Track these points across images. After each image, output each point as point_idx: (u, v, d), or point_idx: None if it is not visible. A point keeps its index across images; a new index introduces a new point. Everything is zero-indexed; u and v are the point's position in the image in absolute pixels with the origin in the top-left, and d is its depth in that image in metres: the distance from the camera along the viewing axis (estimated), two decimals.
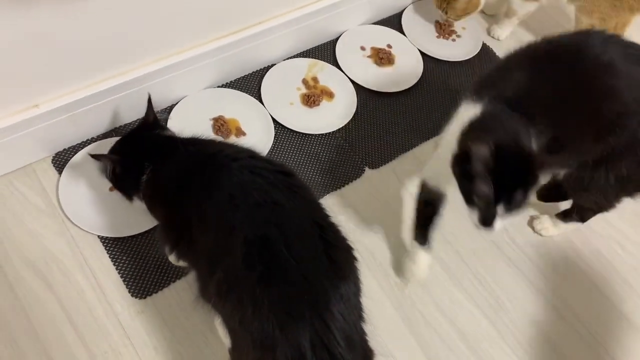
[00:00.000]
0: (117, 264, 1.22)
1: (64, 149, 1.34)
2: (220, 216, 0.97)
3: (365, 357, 0.97)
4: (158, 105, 1.39)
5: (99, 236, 1.24)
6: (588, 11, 1.64)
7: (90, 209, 1.27)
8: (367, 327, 0.97)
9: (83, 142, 1.36)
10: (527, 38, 1.78)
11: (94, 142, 1.35)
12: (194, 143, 1.12)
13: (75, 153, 1.33)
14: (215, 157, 1.04)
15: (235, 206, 0.95)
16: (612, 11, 1.59)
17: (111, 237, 1.24)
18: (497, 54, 1.80)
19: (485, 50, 1.80)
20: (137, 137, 1.19)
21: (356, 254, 1.00)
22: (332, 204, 1.40)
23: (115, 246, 1.24)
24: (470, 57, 1.76)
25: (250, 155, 1.07)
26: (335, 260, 0.94)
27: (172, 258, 1.17)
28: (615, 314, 1.36)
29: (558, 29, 1.46)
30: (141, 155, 1.12)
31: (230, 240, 0.93)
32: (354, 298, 0.96)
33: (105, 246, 1.24)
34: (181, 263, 1.16)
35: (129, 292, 1.19)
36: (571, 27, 1.80)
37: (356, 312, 0.96)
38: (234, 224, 0.94)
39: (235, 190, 0.97)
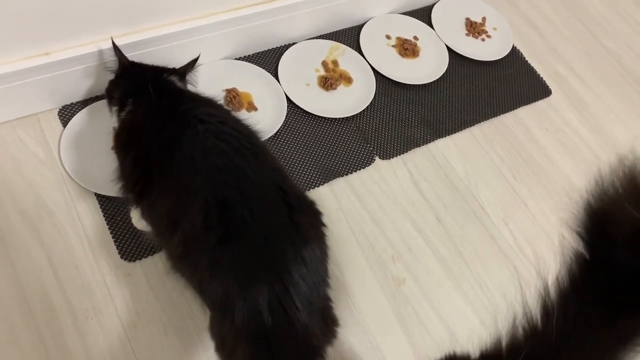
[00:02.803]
0: (110, 223, 1.19)
1: (72, 103, 1.32)
2: (180, 178, 0.94)
3: (326, 323, 0.94)
4: None
5: (95, 193, 1.22)
6: None
7: (90, 165, 1.24)
8: (333, 294, 0.96)
9: (92, 97, 1.33)
10: None
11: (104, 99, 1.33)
12: (171, 95, 1.10)
13: (83, 108, 1.31)
14: (184, 116, 1.01)
15: (196, 170, 0.93)
16: None
17: (108, 196, 1.21)
18: (526, 58, 1.74)
19: (514, 53, 1.74)
20: (144, 72, 1.17)
21: (325, 219, 0.99)
22: (338, 189, 1.36)
23: (111, 206, 1.21)
24: (499, 58, 1.70)
25: (220, 120, 1.03)
26: (298, 223, 0.92)
27: (135, 220, 1.15)
28: None
29: None
30: (132, 88, 1.10)
31: (189, 202, 0.91)
32: (318, 262, 0.93)
33: (101, 204, 1.21)
34: (144, 227, 1.13)
35: (119, 253, 1.16)
36: None
37: (319, 277, 0.93)
38: (194, 187, 0.92)
39: (196, 154, 0.95)
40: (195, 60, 1.20)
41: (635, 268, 0.58)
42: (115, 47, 1.17)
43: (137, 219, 1.17)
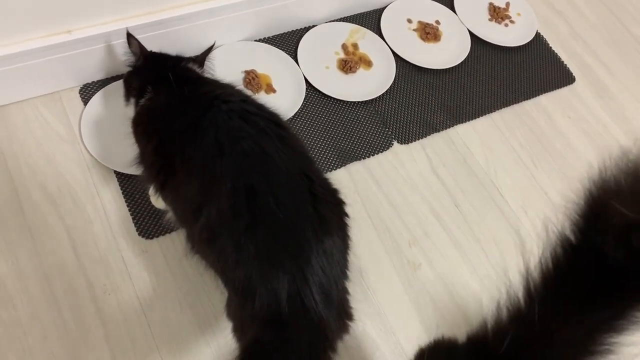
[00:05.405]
0: (129, 201, 1.20)
1: (93, 82, 1.33)
2: (206, 162, 0.93)
3: (341, 317, 0.93)
4: (191, 51, 1.35)
5: (115, 171, 1.23)
6: None
7: (110, 143, 1.25)
8: (350, 285, 0.95)
9: (112, 77, 1.34)
10: None
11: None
12: (191, 81, 1.09)
13: (104, 86, 1.32)
14: (205, 98, 1.00)
15: (222, 153, 0.92)
16: None
17: (127, 174, 1.22)
18: (550, 45, 1.71)
19: (538, 39, 1.71)
20: (164, 60, 1.16)
21: (349, 209, 0.97)
22: (355, 173, 1.35)
23: (130, 183, 1.22)
24: (522, 44, 1.67)
25: (242, 99, 1.02)
26: (323, 214, 0.91)
27: (154, 200, 1.15)
28: None
29: None
30: (151, 76, 1.10)
31: (216, 188, 0.90)
32: (339, 254, 0.92)
33: (120, 182, 1.22)
34: (163, 206, 1.13)
35: (137, 230, 1.18)
36: None
37: (339, 269, 0.92)
38: (220, 172, 0.91)
39: (222, 136, 0.93)
40: (211, 47, 1.20)
41: (619, 262, 0.56)
42: (131, 38, 1.16)
43: (155, 199, 1.17)
